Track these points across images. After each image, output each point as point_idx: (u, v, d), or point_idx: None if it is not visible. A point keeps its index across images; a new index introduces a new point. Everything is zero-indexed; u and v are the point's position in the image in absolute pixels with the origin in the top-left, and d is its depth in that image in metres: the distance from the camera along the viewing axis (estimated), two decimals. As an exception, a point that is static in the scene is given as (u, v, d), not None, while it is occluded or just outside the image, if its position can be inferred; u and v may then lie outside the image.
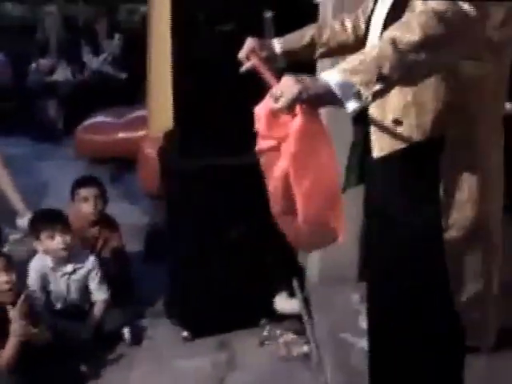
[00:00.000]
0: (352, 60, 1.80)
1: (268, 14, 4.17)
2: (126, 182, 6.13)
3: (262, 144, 1.98)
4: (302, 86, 1.76)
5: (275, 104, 1.80)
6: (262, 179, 2.09)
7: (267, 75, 2.14)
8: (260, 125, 1.95)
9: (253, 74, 2.32)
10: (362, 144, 2.37)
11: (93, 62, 8.69)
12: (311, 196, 1.87)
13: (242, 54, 2.45)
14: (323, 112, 1.89)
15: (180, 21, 3.62)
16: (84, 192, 4.27)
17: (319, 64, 3.64)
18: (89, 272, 3.91)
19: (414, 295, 2.22)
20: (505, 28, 1.96)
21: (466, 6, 1.80)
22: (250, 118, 2.09)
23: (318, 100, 1.78)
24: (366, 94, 1.75)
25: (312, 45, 2.50)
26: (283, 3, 4.00)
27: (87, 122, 7.03)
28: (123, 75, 8.54)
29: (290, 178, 1.87)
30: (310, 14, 3.67)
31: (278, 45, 2.48)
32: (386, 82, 1.77)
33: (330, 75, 1.77)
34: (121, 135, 6.61)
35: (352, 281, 3.88)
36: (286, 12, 3.49)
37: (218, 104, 3.59)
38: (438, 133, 2.07)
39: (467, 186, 2.10)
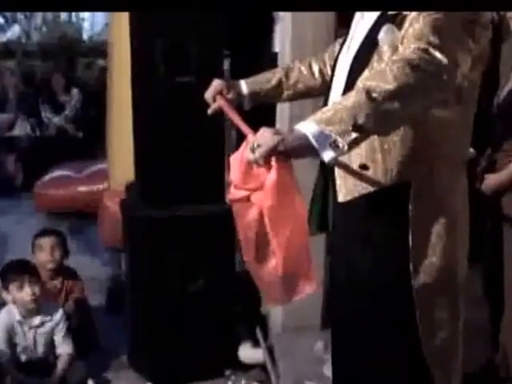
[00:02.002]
0: (327, 110, 1.81)
1: (227, 67, 4.23)
2: (86, 234, 6.08)
3: (234, 194, 1.98)
4: (280, 138, 1.76)
5: (251, 155, 1.81)
6: (224, 229, 2.09)
7: (235, 118, 2.15)
8: (234, 174, 1.95)
9: (214, 125, 2.32)
10: (323, 190, 2.38)
11: (52, 117, 8.66)
12: (289, 247, 1.87)
13: (208, 95, 2.45)
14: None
15: (140, 73, 3.64)
16: (40, 241, 4.27)
17: (278, 106, 3.69)
18: (56, 325, 3.88)
19: (380, 343, 2.20)
20: (471, 74, 2.01)
21: (437, 55, 1.84)
22: (211, 169, 2.12)
23: (294, 151, 1.79)
24: (343, 143, 1.76)
25: (279, 87, 2.51)
26: (242, 53, 4.07)
27: (47, 177, 6.98)
28: (80, 132, 8.53)
29: (266, 230, 1.87)
30: (269, 64, 3.73)
31: (244, 86, 2.49)
32: (362, 132, 1.78)
33: (306, 126, 1.78)
34: (81, 189, 6.59)
35: (315, 328, 3.87)
36: (245, 62, 3.55)
37: (178, 155, 3.61)
38: (403, 178, 2.08)
39: (434, 232, 2.11)
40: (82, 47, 11.71)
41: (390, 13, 2.05)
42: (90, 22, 15.76)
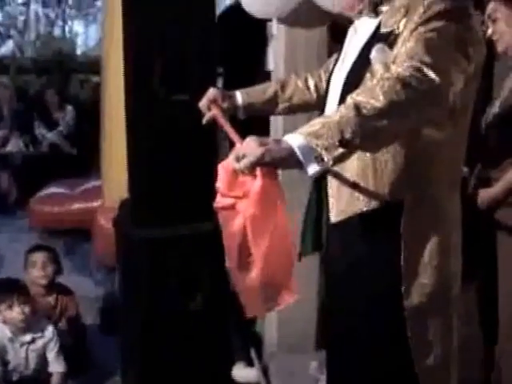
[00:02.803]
0: (315, 123, 1.80)
1: (220, 85, 4.23)
2: (80, 253, 6.06)
3: (220, 201, 1.97)
4: (265, 149, 1.75)
5: (236, 164, 1.80)
6: (219, 247, 2.09)
7: (228, 128, 2.14)
8: (221, 182, 1.94)
9: (208, 143, 2.32)
10: (317, 210, 2.38)
11: (46, 134, 8.66)
12: (268, 257, 1.86)
13: (202, 104, 2.45)
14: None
15: (134, 90, 3.63)
16: (32, 257, 4.27)
17: (272, 119, 3.68)
18: (47, 342, 3.88)
19: (375, 363, 2.19)
20: (465, 93, 2.00)
21: (430, 73, 1.83)
22: (205, 188, 2.10)
23: (279, 163, 1.77)
24: (328, 157, 1.74)
25: (274, 100, 2.52)
26: (236, 71, 4.08)
27: (41, 194, 6.97)
28: (75, 149, 8.53)
29: (248, 239, 1.86)
30: (262, 82, 3.73)
31: (239, 97, 2.50)
32: (348, 147, 1.76)
33: (293, 138, 1.76)
34: (75, 206, 6.57)
35: (310, 348, 3.85)
36: (238, 80, 3.53)
37: (172, 173, 3.59)
38: (396, 197, 2.08)
39: (427, 251, 2.10)
40: (76, 62, 11.70)
41: (382, 31, 2.06)
42: (84, 37, 15.84)
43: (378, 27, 2.09)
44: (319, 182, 2.29)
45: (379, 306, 2.14)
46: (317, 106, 2.46)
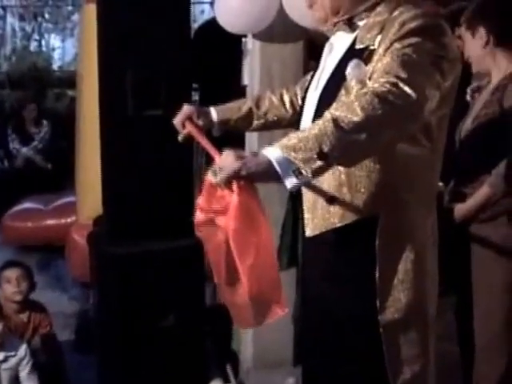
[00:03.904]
0: (293, 137, 1.80)
1: (197, 98, 4.22)
2: (54, 269, 6.02)
3: (199, 217, 1.97)
4: (242, 163, 1.75)
5: (213, 178, 1.80)
6: (193, 263, 2.08)
7: (205, 144, 2.15)
8: (200, 197, 1.94)
9: (182, 159, 2.31)
10: (293, 225, 2.37)
11: (21, 149, 8.61)
12: (255, 271, 1.85)
13: (177, 120, 2.44)
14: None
15: (108, 106, 3.62)
16: (6, 273, 4.20)
17: (247, 135, 3.68)
18: (20, 360, 3.82)
19: (350, 379, 2.18)
20: (440, 110, 2.02)
21: (406, 89, 1.84)
22: (179, 204, 2.09)
23: (257, 176, 1.77)
24: (306, 170, 1.74)
25: (249, 116, 2.51)
26: (211, 86, 4.08)
27: (14, 209, 6.92)
28: (49, 164, 8.48)
29: (233, 254, 1.85)
30: (237, 97, 3.73)
31: (214, 113, 2.49)
32: (327, 160, 1.76)
33: (271, 151, 1.76)
34: (49, 222, 6.53)
35: (287, 364, 3.83)
36: (214, 95, 3.53)
37: (146, 189, 3.58)
38: (371, 212, 2.08)
39: (402, 267, 2.10)
40: (52, 77, 11.65)
41: (357, 47, 2.07)
42: (61, 52, 15.78)
43: (354, 43, 2.10)
44: (295, 198, 2.29)
45: (354, 320, 2.14)
46: (292, 122, 2.46)
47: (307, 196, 2.19)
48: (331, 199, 2.10)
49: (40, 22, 15.73)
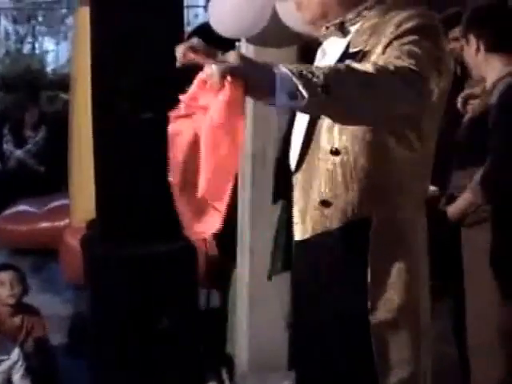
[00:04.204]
0: (302, 66, 1.73)
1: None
2: (48, 272, 6.02)
3: (178, 111, 1.87)
4: (244, 62, 1.66)
5: (209, 69, 1.67)
6: (186, 266, 2.06)
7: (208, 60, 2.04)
8: (187, 92, 1.84)
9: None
10: (286, 229, 2.37)
11: (14, 151, 8.61)
12: (217, 170, 1.75)
13: (180, 49, 2.28)
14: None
15: (102, 109, 3.63)
16: (0, 276, 4.20)
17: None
18: (13, 364, 3.83)
19: (342, 380, 2.17)
20: (431, 113, 2.01)
21: (418, 76, 1.84)
22: (171, 207, 2.06)
23: (253, 79, 1.68)
24: (303, 95, 1.67)
25: None
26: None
27: (8, 212, 6.94)
28: (42, 167, 8.49)
29: (201, 150, 1.77)
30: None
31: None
32: (328, 98, 1.70)
33: (279, 67, 1.68)
34: (43, 225, 6.54)
35: (282, 368, 3.84)
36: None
37: (140, 193, 3.59)
38: (363, 215, 2.07)
39: (394, 269, 2.09)
40: (46, 80, 11.67)
41: (351, 51, 2.06)
42: (54, 54, 15.79)
43: (347, 47, 2.09)
44: (289, 201, 2.29)
45: (345, 321, 2.12)
46: None
47: (299, 199, 2.18)
48: (325, 202, 2.10)
49: (34, 24, 15.75)
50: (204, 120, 1.75)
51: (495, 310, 3.03)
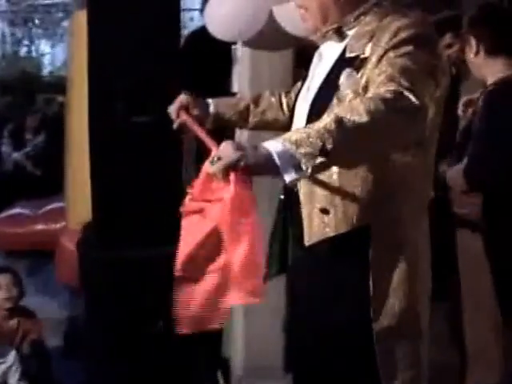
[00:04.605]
0: (296, 132, 1.79)
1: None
2: (43, 274, 6.00)
3: (188, 205, 1.94)
4: (241, 154, 1.72)
5: (210, 168, 1.76)
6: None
7: (201, 134, 2.11)
8: (194, 186, 1.91)
9: (171, 166, 2.28)
10: (282, 232, 2.37)
11: (12, 153, 8.62)
12: (240, 259, 1.80)
13: (172, 109, 2.41)
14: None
15: (98, 112, 3.63)
16: None
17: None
18: (9, 367, 3.84)
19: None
20: (432, 118, 2.02)
21: (411, 96, 1.84)
22: (168, 210, 2.08)
23: (255, 168, 1.74)
24: (307, 166, 1.72)
25: (246, 113, 2.49)
26: (202, 93, 4.05)
27: (4, 214, 6.95)
28: (39, 170, 8.49)
29: (215, 245, 1.83)
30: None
31: (212, 105, 2.47)
32: (329, 158, 1.75)
33: (272, 144, 1.74)
34: (38, 227, 6.53)
35: (278, 371, 3.83)
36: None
37: (135, 195, 3.60)
38: (363, 222, 2.07)
39: (396, 275, 2.10)
40: (42, 82, 11.68)
41: (348, 56, 2.07)
42: (50, 57, 15.79)
43: (344, 52, 2.10)
44: (286, 207, 2.29)
45: (348, 329, 2.13)
46: (285, 125, 2.44)
47: (305, 204, 2.17)
48: (324, 209, 2.10)
49: (30, 27, 15.75)
50: (217, 212, 1.80)
51: (492, 314, 3.04)
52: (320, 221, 2.12)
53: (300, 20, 2.25)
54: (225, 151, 1.75)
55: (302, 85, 2.32)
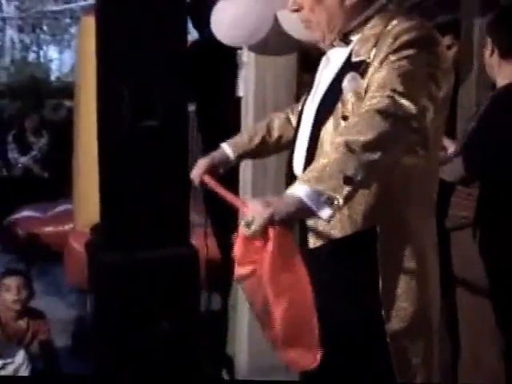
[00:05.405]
0: (314, 169, 1.80)
1: (192, 108, 4.24)
2: (53, 275, 6.04)
3: (238, 271, 1.90)
4: (272, 210, 1.72)
5: (247, 230, 1.76)
6: (188, 271, 2.05)
7: (227, 196, 2.09)
8: (236, 251, 1.87)
9: (178, 169, 2.29)
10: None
11: (19, 158, 8.66)
12: (289, 316, 1.81)
13: (193, 175, 2.46)
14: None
15: (106, 116, 3.68)
16: (7, 281, 4.20)
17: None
18: (18, 367, 3.83)
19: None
20: (436, 119, 2.02)
21: (403, 102, 1.86)
22: (175, 212, 2.10)
23: (290, 218, 1.75)
24: (337, 198, 1.73)
25: (263, 145, 2.54)
26: (208, 97, 4.10)
27: (13, 217, 6.98)
28: (46, 173, 8.54)
29: (269, 299, 1.80)
30: (232, 107, 3.79)
31: (230, 152, 2.52)
32: (353, 184, 1.76)
33: (297, 189, 1.75)
34: (47, 229, 6.58)
35: (282, 371, 3.84)
36: (210, 105, 3.58)
37: (143, 198, 3.63)
38: (369, 224, 2.07)
39: (404, 276, 2.09)
40: (50, 88, 11.71)
41: (353, 60, 2.07)
42: (58, 63, 15.85)
43: (350, 56, 2.10)
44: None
45: (361, 331, 2.12)
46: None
47: None
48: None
49: (38, 33, 15.82)
50: (263, 270, 1.78)
51: (487, 313, 3.07)
52: (326, 223, 2.07)
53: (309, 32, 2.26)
54: (256, 211, 1.74)
55: (309, 91, 2.31)
